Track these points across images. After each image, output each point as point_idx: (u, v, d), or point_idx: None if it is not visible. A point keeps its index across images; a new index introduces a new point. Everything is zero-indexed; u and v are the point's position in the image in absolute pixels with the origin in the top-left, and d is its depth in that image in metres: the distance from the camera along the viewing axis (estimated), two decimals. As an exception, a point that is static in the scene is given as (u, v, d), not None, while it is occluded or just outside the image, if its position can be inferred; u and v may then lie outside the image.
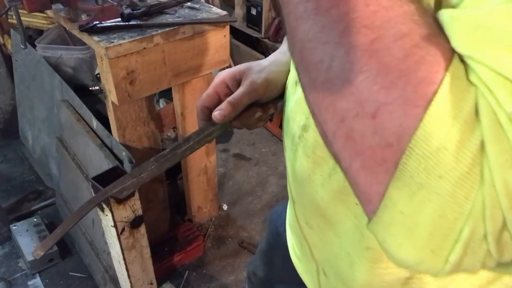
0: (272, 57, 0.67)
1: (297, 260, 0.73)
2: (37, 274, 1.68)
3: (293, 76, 0.59)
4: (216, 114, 0.58)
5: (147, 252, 1.31)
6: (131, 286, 1.33)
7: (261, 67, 0.62)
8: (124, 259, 1.24)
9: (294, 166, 0.60)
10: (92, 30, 1.16)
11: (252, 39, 2.48)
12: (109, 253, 1.35)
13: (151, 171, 0.59)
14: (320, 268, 0.64)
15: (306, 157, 0.56)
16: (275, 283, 0.92)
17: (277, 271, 0.89)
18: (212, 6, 1.40)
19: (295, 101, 0.57)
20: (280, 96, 0.66)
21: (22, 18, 1.33)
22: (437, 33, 0.28)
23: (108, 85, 1.22)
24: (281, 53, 0.67)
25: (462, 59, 0.28)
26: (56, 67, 1.84)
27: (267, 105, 0.64)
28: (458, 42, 0.27)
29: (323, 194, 0.55)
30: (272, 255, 0.89)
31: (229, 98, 0.59)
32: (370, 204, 0.31)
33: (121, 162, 1.28)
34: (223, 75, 0.62)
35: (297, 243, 0.71)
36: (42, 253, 0.52)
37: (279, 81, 0.63)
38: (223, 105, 0.58)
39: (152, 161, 0.60)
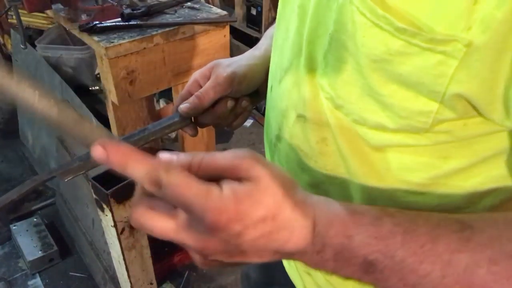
0: (247, 52, 0.67)
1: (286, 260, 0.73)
2: (37, 274, 1.67)
3: (270, 80, 0.58)
4: (183, 107, 0.59)
5: (147, 252, 1.31)
6: (131, 286, 1.33)
7: (229, 62, 0.62)
8: (124, 259, 1.24)
9: None
10: (92, 30, 1.16)
11: (252, 39, 2.48)
12: (109, 253, 1.35)
13: None
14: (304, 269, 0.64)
15: (281, 166, 0.56)
16: (269, 286, 0.92)
17: (271, 272, 0.89)
18: (212, 6, 1.41)
19: (271, 108, 0.57)
20: (257, 92, 0.66)
21: (22, 18, 1.34)
22: None
23: (108, 85, 1.22)
24: (256, 48, 0.67)
25: None
26: (56, 67, 1.84)
27: (239, 98, 0.64)
28: None
29: None
30: None
31: (196, 93, 0.59)
32: None
33: (121, 162, 1.28)
34: (195, 75, 0.63)
35: None
36: None
37: (248, 75, 0.62)
38: (190, 98, 0.59)
39: None
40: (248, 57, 0.65)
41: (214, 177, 0.34)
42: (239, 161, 0.34)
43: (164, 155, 0.34)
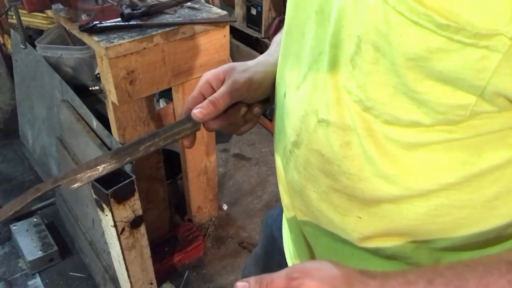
0: (260, 58, 0.66)
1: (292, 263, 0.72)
2: (37, 274, 1.68)
3: (283, 87, 0.57)
4: (196, 112, 0.56)
5: (147, 252, 1.31)
6: (131, 286, 1.33)
7: (245, 67, 0.60)
8: (124, 259, 1.24)
9: (286, 176, 0.60)
10: (92, 30, 1.16)
11: (252, 39, 2.48)
12: (109, 253, 1.35)
13: (108, 164, 0.55)
14: None
15: (298, 172, 0.55)
16: None
17: (271, 271, 0.89)
18: (212, 6, 1.41)
19: (286, 114, 0.55)
20: (268, 99, 0.64)
21: (22, 18, 1.34)
22: None
23: (108, 85, 1.22)
24: (268, 55, 0.66)
25: None
26: (56, 67, 1.84)
27: (252, 104, 0.62)
28: None
29: (319, 206, 0.55)
30: (268, 260, 0.87)
31: (211, 97, 0.57)
32: None
33: (121, 162, 1.28)
34: (207, 76, 0.60)
35: (295, 245, 0.70)
36: None
37: (265, 82, 0.61)
38: (204, 103, 0.56)
39: (111, 153, 0.56)
40: (263, 63, 0.63)
41: None
42: (290, 282, 0.41)
43: (239, 284, 0.42)
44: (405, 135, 0.43)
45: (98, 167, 0.54)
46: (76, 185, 0.52)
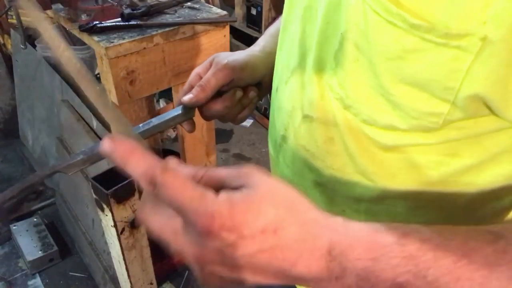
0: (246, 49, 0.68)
1: None
2: (37, 274, 1.67)
3: (276, 81, 0.58)
4: (186, 97, 0.58)
5: (147, 252, 1.31)
6: (131, 286, 1.33)
7: (231, 53, 0.63)
8: (124, 259, 1.24)
9: (277, 170, 0.60)
10: (92, 30, 1.16)
11: (252, 39, 2.48)
12: (109, 253, 1.35)
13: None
14: None
15: (286, 166, 0.56)
16: None
17: None
18: (212, 6, 1.41)
19: (277, 108, 0.57)
20: (261, 83, 0.66)
21: (22, 18, 1.34)
22: None
23: (108, 85, 1.22)
24: (255, 45, 0.68)
25: None
26: (56, 67, 1.84)
27: (247, 88, 0.63)
28: None
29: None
30: None
31: (199, 82, 0.59)
32: None
33: (121, 162, 1.28)
34: (196, 69, 0.63)
35: None
36: None
37: (250, 63, 0.62)
38: (193, 89, 0.59)
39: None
40: (249, 49, 0.66)
41: (215, 188, 0.31)
42: (239, 170, 0.33)
43: (172, 161, 0.31)
44: (382, 137, 0.43)
45: (94, 152, 0.54)
46: (74, 170, 0.53)
